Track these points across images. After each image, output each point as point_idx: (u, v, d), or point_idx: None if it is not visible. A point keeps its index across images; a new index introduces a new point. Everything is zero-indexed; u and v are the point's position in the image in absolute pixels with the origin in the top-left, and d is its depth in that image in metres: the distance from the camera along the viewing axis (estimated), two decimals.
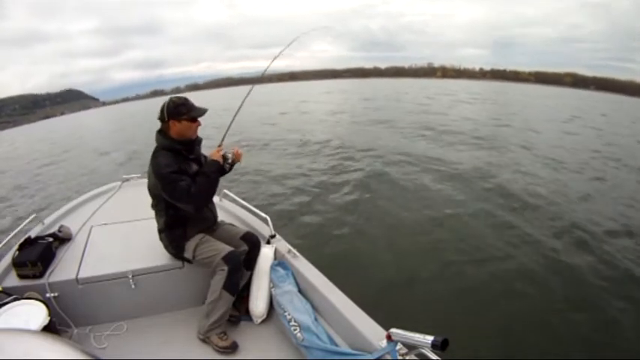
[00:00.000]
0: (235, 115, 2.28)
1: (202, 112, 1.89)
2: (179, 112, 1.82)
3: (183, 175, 1.79)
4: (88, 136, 20.27)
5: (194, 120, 1.86)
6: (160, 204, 1.91)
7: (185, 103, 1.85)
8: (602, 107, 27.45)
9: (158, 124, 1.90)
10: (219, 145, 2.02)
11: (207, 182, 1.85)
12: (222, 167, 1.95)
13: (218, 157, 1.94)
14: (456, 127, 12.46)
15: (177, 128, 1.84)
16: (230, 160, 2.01)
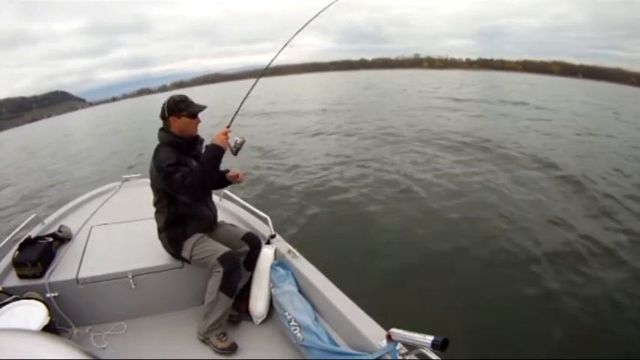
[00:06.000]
0: (245, 98, 2.16)
1: (201, 108, 1.91)
2: (179, 108, 1.85)
3: (180, 167, 1.79)
4: None
5: (193, 116, 1.89)
6: (162, 200, 1.92)
7: (184, 99, 1.88)
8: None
9: None
10: (227, 127, 1.93)
11: (202, 170, 1.81)
12: (222, 153, 1.86)
13: (221, 141, 1.85)
14: None
15: (177, 124, 1.86)
16: (237, 146, 1.92)
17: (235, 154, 1.96)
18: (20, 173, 10.82)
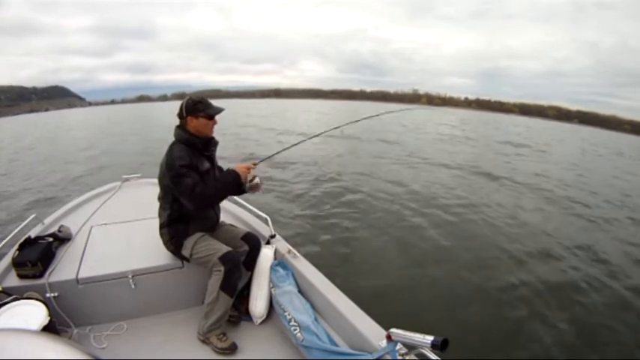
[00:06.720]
0: (289, 147, 2.33)
1: (218, 110, 1.93)
2: (197, 108, 1.87)
3: (192, 172, 1.81)
4: None
5: (211, 117, 1.90)
6: (167, 196, 1.92)
7: (202, 101, 1.90)
8: None
9: None
10: (254, 163, 2.01)
11: (216, 189, 1.86)
12: (239, 181, 1.92)
13: (243, 171, 1.93)
14: None
15: (194, 124, 1.88)
16: (253, 184, 1.97)
17: (247, 190, 2.01)
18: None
